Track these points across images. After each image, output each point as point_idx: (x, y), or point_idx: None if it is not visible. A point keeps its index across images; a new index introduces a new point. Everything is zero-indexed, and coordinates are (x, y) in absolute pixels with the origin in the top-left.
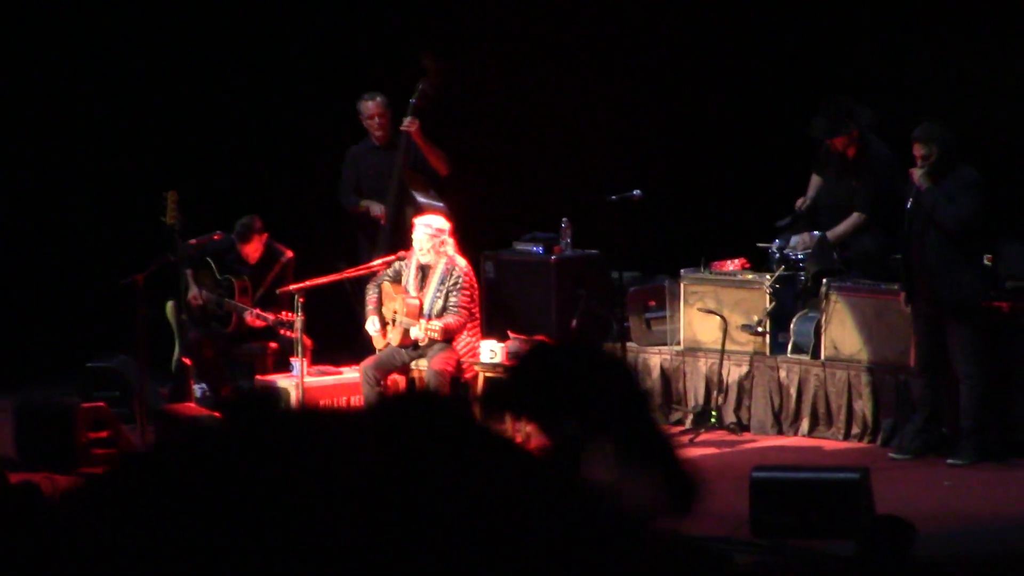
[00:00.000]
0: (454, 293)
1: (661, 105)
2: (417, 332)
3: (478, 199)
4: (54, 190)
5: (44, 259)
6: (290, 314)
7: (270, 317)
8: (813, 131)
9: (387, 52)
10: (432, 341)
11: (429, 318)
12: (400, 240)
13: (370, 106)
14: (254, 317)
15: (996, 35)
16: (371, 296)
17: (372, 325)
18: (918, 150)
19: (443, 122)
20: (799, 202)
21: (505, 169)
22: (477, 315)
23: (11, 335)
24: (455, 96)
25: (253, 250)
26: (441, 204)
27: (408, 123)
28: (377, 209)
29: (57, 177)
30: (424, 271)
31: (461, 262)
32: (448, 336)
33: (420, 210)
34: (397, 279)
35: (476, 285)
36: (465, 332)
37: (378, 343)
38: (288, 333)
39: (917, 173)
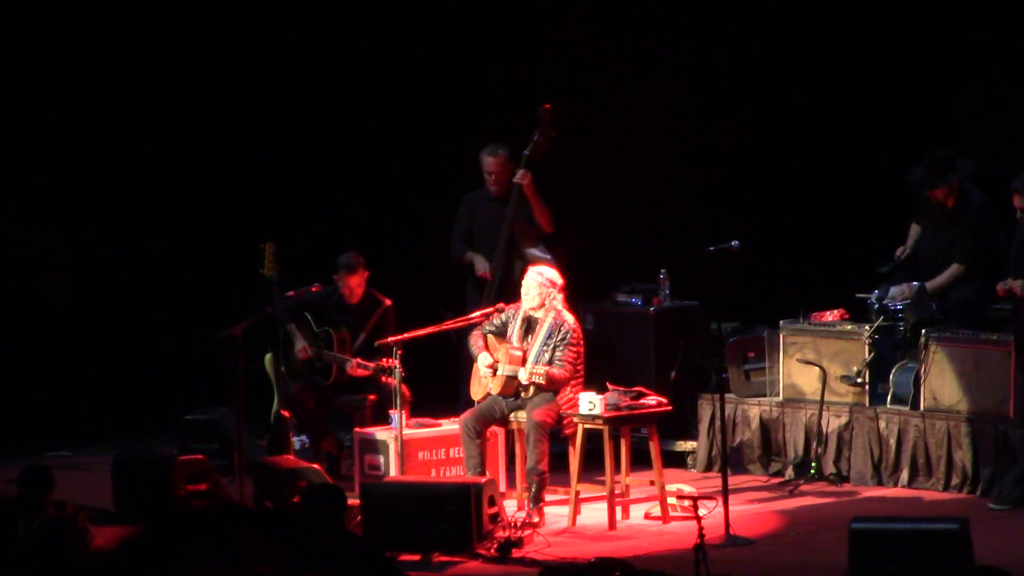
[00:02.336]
0: (560, 348)
1: (760, 155)
2: (523, 376)
3: (578, 250)
4: (154, 243)
5: (143, 311)
6: (391, 360)
7: (371, 365)
8: (913, 182)
9: (501, 101)
10: (535, 390)
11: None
12: (507, 293)
13: (491, 161)
14: (356, 367)
15: None
16: (476, 339)
17: (484, 359)
18: (1018, 201)
19: (543, 173)
20: (899, 251)
21: (604, 220)
22: (582, 372)
23: (110, 387)
24: (556, 147)
25: (356, 285)
26: (550, 257)
27: (520, 175)
28: (481, 266)
29: (157, 230)
30: (530, 323)
31: (569, 318)
32: (552, 386)
33: (529, 263)
34: (501, 332)
35: (583, 342)
36: (568, 387)
37: (479, 390)
38: (390, 380)
39: (1007, 287)
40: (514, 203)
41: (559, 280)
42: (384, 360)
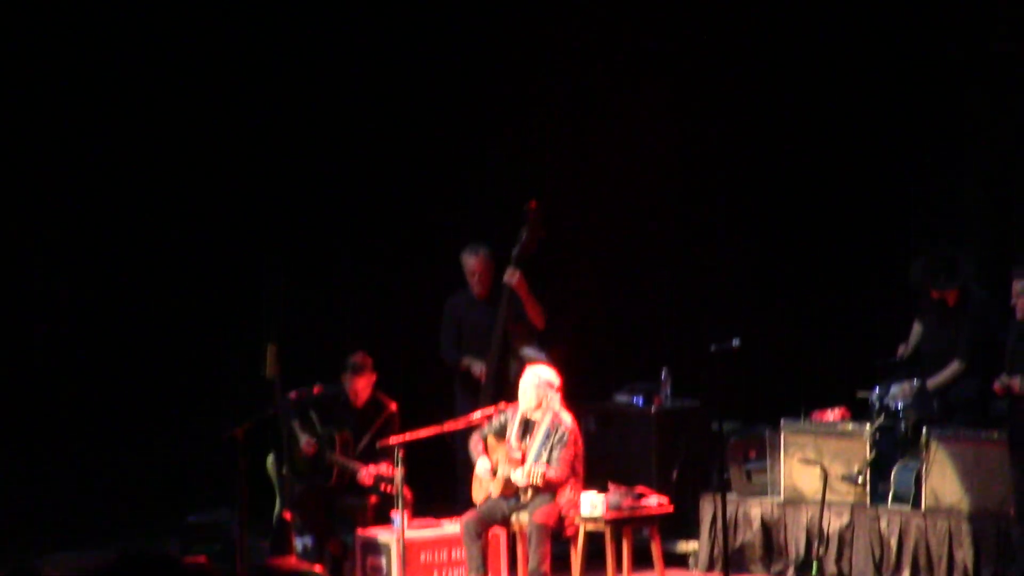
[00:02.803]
0: (558, 449)
1: (762, 254)
2: (519, 477)
3: (577, 350)
4: (155, 345)
5: (145, 414)
6: (391, 468)
7: (374, 472)
8: (913, 279)
9: (489, 200)
10: (534, 492)
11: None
12: (503, 393)
13: (472, 261)
14: (367, 476)
15: None
16: (476, 443)
17: (483, 464)
18: (1017, 287)
19: (541, 272)
20: (900, 349)
21: (605, 320)
22: (581, 472)
23: (114, 488)
24: (555, 245)
25: (363, 388)
26: (544, 356)
27: (510, 274)
28: (478, 368)
29: (158, 332)
30: (528, 424)
31: (567, 418)
32: (550, 488)
33: (525, 363)
34: (501, 432)
35: (581, 443)
36: (568, 487)
37: (480, 491)
38: (388, 488)
39: (1005, 384)
40: (505, 302)
41: (556, 381)
42: (384, 464)
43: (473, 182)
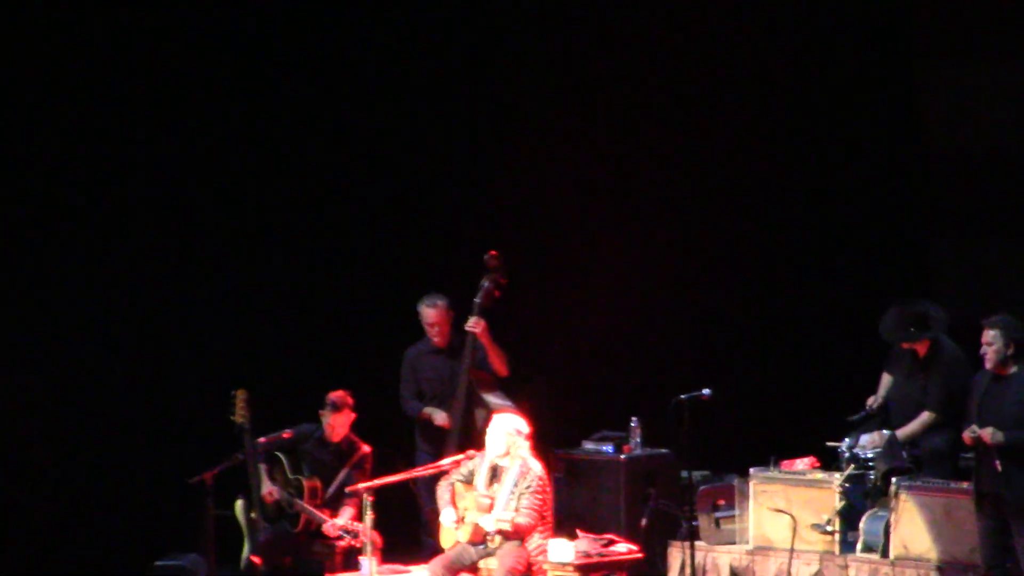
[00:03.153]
0: (526, 496)
1: (731, 305)
2: (487, 524)
3: (548, 398)
4: (124, 388)
5: (114, 457)
6: (355, 521)
7: (347, 531)
8: (884, 331)
9: (449, 250)
10: (503, 539)
11: None
12: (470, 441)
13: (431, 313)
14: (331, 527)
15: None
16: (444, 492)
17: (448, 516)
18: (985, 336)
19: (509, 320)
20: (870, 400)
21: (575, 368)
22: (549, 519)
23: (80, 533)
24: (524, 293)
25: (340, 425)
26: (510, 404)
27: (474, 323)
28: (440, 418)
29: (127, 375)
30: (496, 471)
31: (536, 465)
32: (518, 534)
33: (491, 411)
34: (469, 479)
35: (549, 489)
36: (537, 533)
37: (450, 538)
38: (352, 542)
39: (974, 435)
40: (469, 351)
41: (525, 428)
42: (352, 519)
43: (434, 231)
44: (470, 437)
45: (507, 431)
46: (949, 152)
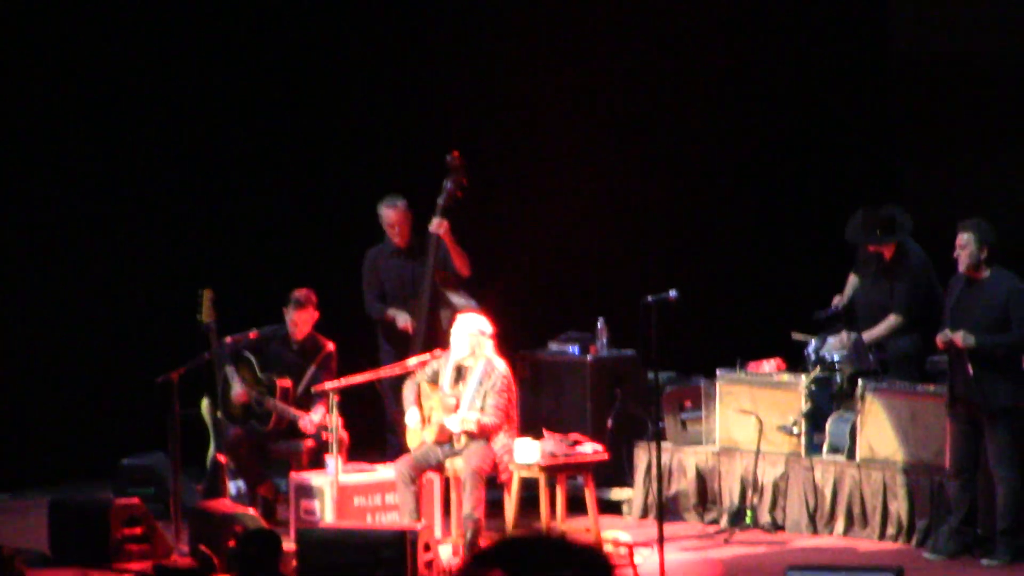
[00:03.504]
0: (491, 395)
1: (697, 205)
2: (453, 425)
3: (514, 298)
4: (89, 288)
5: (79, 357)
6: (329, 416)
7: (320, 422)
8: (850, 233)
9: (411, 150)
10: (468, 439)
11: None
12: (435, 342)
13: (391, 213)
14: (307, 424)
15: None
16: (409, 392)
17: (412, 417)
18: (960, 239)
19: (479, 222)
20: (836, 300)
21: (541, 269)
22: (515, 418)
23: (47, 431)
24: (491, 194)
25: (303, 322)
26: (474, 303)
27: (437, 224)
28: (402, 320)
29: (92, 275)
30: (461, 371)
31: (500, 364)
32: (483, 434)
33: (455, 311)
34: (434, 379)
35: (515, 388)
36: (502, 433)
37: (416, 438)
38: (327, 437)
39: (947, 338)
40: (432, 252)
41: (489, 328)
42: (325, 413)
43: (396, 132)
44: (435, 337)
45: (470, 331)
46: (917, 57)
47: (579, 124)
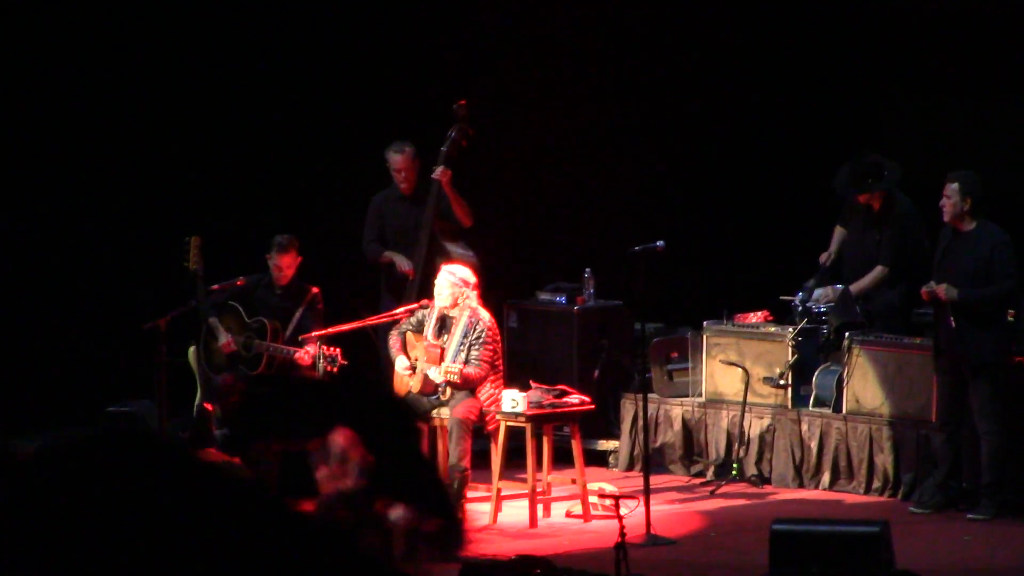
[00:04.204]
0: (476, 347)
1: (685, 156)
2: (436, 376)
3: (502, 248)
4: (76, 235)
5: (65, 303)
6: (333, 348)
7: (315, 352)
8: (838, 184)
9: (417, 98)
10: (453, 389)
11: None
12: (430, 290)
13: (398, 158)
14: (303, 355)
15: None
16: (394, 341)
17: (401, 363)
18: (948, 190)
19: (467, 171)
20: (823, 257)
21: (529, 219)
22: (500, 368)
23: (31, 379)
24: (477, 144)
25: (287, 265)
26: (472, 254)
27: (439, 172)
28: (404, 264)
29: (80, 222)
30: (445, 321)
31: (485, 315)
32: (468, 385)
33: (451, 260)
34: (420, 328)
35: (499, 339)
36: (488, 383)
37: (402, 387)
38: (332, 368)
39: (932, 291)
40: (433, 200)
41: (472, 279)
42: (328, 348)
43: (403, 80)
44: (430, 286)
45: (453, 282)
46: (901, 3)
47: (569, 74)
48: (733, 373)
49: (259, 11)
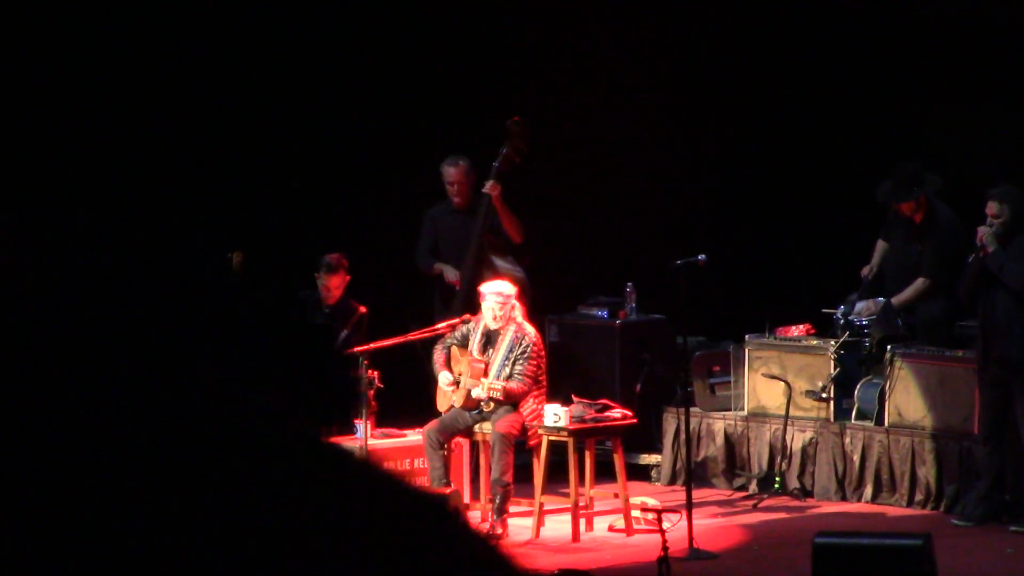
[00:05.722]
0: (521, 361)
1: (727, 170)
2: (479, 392)
3: (543, 262)
4: (116, 249)
5: (108, 320)
6: (369, 371)
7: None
8: (880, 196)
9: (471, 114)
10: (496, 404)
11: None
12: (475, 303)
13: (452, 172)
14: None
15: None
16: (439, 355)
17: (444, 378)
18: (991, 209)
19: (511, 185)
20: (865, 270)
21: (571, 233)
22: (544, 383)
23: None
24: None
25: (335, 287)
26: (520, 269)
27: (490, 187)
28: (451, 274)
29: (124, 233)
30: (489, 336)
31: (530, 330)
32: (510, 399)
33: (498, 275)
34: (464, 343)
35: (544, 354)
36: (531, 398)
37: (444, 402)
38: (367, 391)
39: (984, 232)
40: (483, 214)
41: (512, 291)
42: (368, 372)
43: (457, 95)
44: (476, 299)
45: (498, 301)
46: (943, 12)
47: (612, 89)
48: (775, 386)
49: (314, 22)
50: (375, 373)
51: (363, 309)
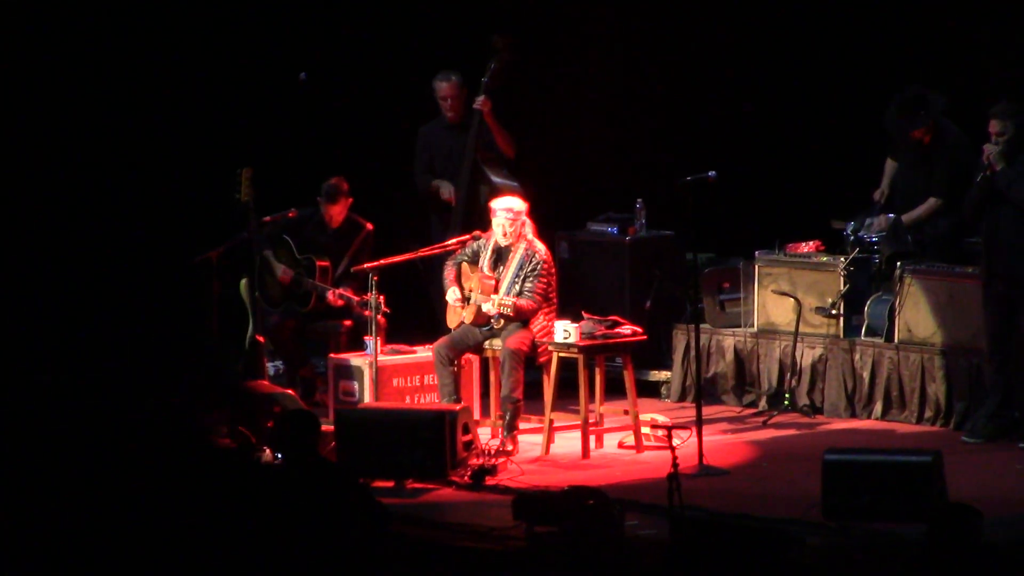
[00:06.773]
0: (531, 279)
1: (738, 86)
2: (489, 307)
3: (553, 179)
4: (128, 168)
5: (117, 236)
6: (367, 295)
7: (353, 298)
8: (888, 125)
9: (459, 30)
10: (506, 320)
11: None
12: (474, 219)
13: (444, 86)
14: (336, 297)
15: None
16: (449, 272)
17: (453, 295)
18: (994, 127)
19: (518, 102)
20: (876, 194)
21: (581, 150)
22: (554, 300)
23: (83, 314)
24: (532, 75)
25: (338, 213)
26: (515, 183)
27: (480, 102)
28: (447, 191)
29: (131, 155)
30: (500, 253)
31: (541, 248)
32: (520, 316)
33: (495, 189)
34: (475, 259)
35: (555, 272)
36: (541, 315)
37: (454, 318)
38: (368, 313)
39: (991, 150)
40: (475, 129)
41: (523, 207)
42: (361, 294)
43: (446, 10)
44: (473, 214)
45: (509, 218)
46: None
47: (620, 4)
48: (785, 303)
49: None
50: (382, 297)
51: (370, 226)
